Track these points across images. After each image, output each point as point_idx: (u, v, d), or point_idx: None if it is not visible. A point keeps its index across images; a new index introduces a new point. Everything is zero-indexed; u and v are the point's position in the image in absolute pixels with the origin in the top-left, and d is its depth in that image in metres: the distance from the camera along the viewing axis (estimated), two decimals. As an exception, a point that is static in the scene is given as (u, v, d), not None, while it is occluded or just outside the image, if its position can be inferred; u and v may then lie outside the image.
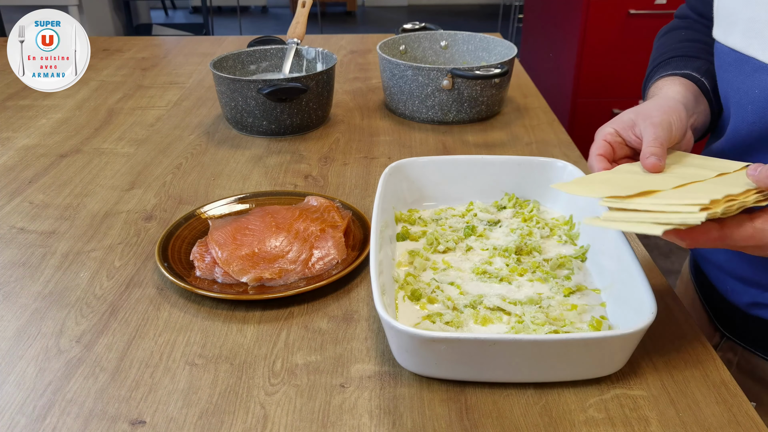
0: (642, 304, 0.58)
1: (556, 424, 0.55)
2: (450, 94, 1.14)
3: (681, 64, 0.76)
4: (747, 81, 0.66)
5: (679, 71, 0.75)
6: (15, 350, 0.64)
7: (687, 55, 0.78)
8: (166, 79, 1.45)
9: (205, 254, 0.75)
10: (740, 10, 0.65)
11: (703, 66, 0.75)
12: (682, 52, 0.79)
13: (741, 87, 0.67)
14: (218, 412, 0.57)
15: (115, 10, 3.84)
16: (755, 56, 0.64)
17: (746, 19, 0.65)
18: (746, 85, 0.66)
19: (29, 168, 1.02)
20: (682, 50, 0.79)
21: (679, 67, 0.76)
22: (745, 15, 0.65)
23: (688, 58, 0.77)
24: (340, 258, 0.75)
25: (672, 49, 0.80)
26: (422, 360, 0.58)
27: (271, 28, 5.80)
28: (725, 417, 0.55)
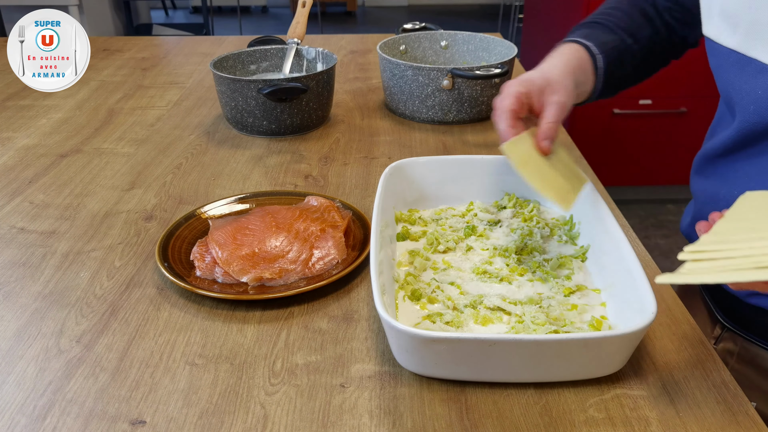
0: (642, 304, 0.58)
1: (556, 424, 0.55)
2: (450, 94, 1.14)
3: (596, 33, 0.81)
4: (750, 82, 0.66)
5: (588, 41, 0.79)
6: (15, 350, 0.64)
7: (607, 25, 0.82)
8: (167, 79, 1.45)
9: (205, 254, 0.75)
10: (743, 12, 0.65)
11: (611, 43, 0.80)
12: (605, 19, 0.83)
13: (743, 87, 0.67)
14: (218, 412, 0.57)
15: (116, 10, 3.84)
16: (758, 58, 0.64)
17: (750, 21, 0.65)
18: (749, 85, 0.66)
19: (29, 168, 1.02)
20: (607, 17, 0.83)
21: (592, 37, 0.80)
22: (749, 17, 0.65)
23: (605, 28, 0.82)
24: (341, 258, 0.75)
25: (601, 13, 0.85)
26: (422, 360, 0.58)
27: (271, 28, 5.80)
28: (725, 417, 0.55)
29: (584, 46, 0.79)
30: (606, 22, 0.82)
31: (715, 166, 0.76)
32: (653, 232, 2.63)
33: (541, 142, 0.70)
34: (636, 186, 2.78)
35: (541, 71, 0.73)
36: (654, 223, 2.70)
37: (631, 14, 0.83)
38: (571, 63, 0.76)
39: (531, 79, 0.72)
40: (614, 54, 0.80)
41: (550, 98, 0.72)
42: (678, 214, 2.74)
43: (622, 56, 0.82)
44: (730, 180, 0.73)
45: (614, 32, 0.82)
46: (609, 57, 0.80)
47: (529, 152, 0.70)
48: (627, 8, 0.85)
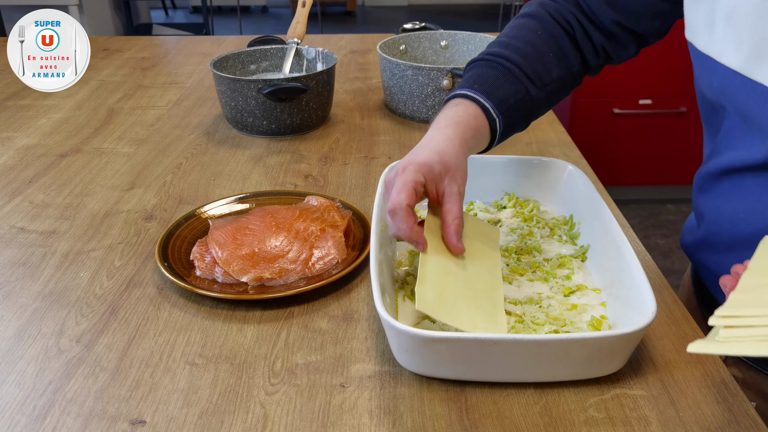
0: (642, 304, 0.58)
1: (556, 424, 0.55)
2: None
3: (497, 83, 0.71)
4: (760, 111, 0.60)
5: (487, 101, 0.70)
6: (15, 350, 0.64)
7: (511, 70, 0.72)
8: (167, 78, 1.45)
9: (205, 254, 0.75)
10: (748, 28, 0.58)
11: (512, 98, 0.71)
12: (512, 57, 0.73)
13: (752, 115, 0.61)
14: (218, 411, 0.57)
15: (116, 10, 3.84)
16: (764, 83, 0.58)
17: (755, 40, 0.58)
18: (759, 117, 0.60)
19: (29, 168, 1.02)
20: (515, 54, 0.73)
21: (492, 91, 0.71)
22: (754, 36, 0.58)
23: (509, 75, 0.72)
24: (340, 258, 0.75)
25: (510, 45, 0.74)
26: (422, 360, 0.58)
27: (271, 27, 5.79)
28: (725, 417, 0.55)
29: (483, 108, 0.70)
30: (511, 63, 0.72)
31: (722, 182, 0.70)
32: (653, 232, 2.63)
33: (456, 244, 0.64)
34: (636, 186, 2.78)
35: (437, 152, 0.65)
36: (654, 223, 2.70)
37: (543, 53, 0.74)
38: (467, 135, 0.68)
39: (429, 164, 0.63)
40: (514, 113, 0.72)
41: (450, 188, 0.64)
42: (678, 214, 2.74)
43: (522, 112, 0.73)
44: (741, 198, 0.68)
45: (518, 81, 0.72)
46: (508, 118, 0.71)
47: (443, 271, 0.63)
48: (540, 44, 0.74)
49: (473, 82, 0.72)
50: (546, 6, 0.78)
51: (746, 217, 0.66)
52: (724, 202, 0.70)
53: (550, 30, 0.75)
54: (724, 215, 0.70)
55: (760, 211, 0.65)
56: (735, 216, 0.68)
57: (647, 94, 2.56)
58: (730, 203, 0.69)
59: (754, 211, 0.66)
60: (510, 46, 0.74)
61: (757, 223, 0.65)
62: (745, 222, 0.67)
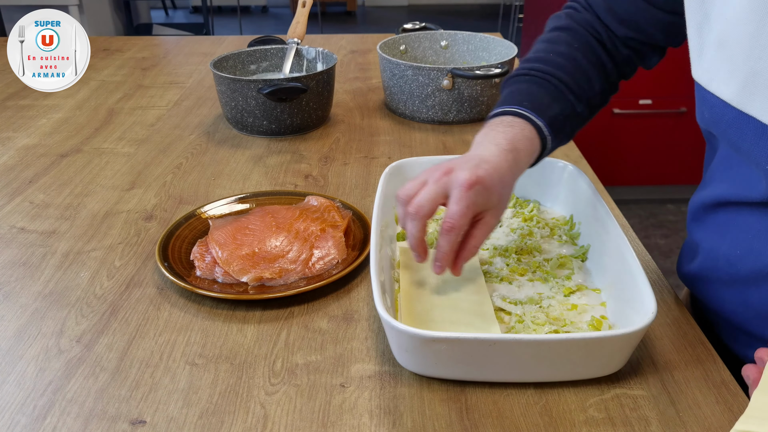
0: (642, 304, 0.58)
1: (556, 424, 0.55)
2: (450, 94, 1.14)
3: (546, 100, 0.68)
4: (754, 148, 0.56)
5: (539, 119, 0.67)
6: (15, 350, 0.64)
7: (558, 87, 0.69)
8: (167, 78, 1.45)
9: (205, 254, 0.75)
10: (742, 59, 0.54)
11: (561, 115, 0.68)
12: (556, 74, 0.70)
13: (746, 150, 0.57)
14: (218, 411, 0.57)
15: (116, 10, 3.84)
16: (757, 116, 0.54)
17: (748, 71, 0.54)
18: (754, 153, 0.56)
19: (29, 168, 1.02)
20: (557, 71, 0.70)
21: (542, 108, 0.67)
22: (747, 66, 0.54)
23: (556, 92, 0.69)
24: (341, 258, 0.75)
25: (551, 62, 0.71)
26: (422, 360, 0.58)
27: (271, 27, 5.79)
28: (726, 417, 0.55)
29: (536, 127, 0.66)
30: (556, 79, 0.70)
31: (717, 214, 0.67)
32: (653, 232, 2.63)
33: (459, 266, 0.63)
34: (636, 186, 2.78)
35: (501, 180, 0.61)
36: (654, 223, 2.70)
37: (584, 67, 0.71)
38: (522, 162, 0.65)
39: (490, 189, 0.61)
40: (561, 130, 0.69)
41: (490, 220, 0.62)
42: (678, 214, 2.74)
43: (568, 129, 0.71)
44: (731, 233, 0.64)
45: (565, 98, 0.69)
46: (557, 136, 0.69)
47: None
48: (580, 57, 0.71)
49: (522, 99, 0.68)
50: (575, 18, 0.75)
51: (743, 255, 0.62)
52: (720, 236, 0.66)
53: (585, 42, 0.73)
54: (720, 250, 0.65)
55: (758, 251, 0.60)
56: (731, 253, 0.64)
57: (647, 94, 2.56)
58: (726, 238, 0.65)
59: (752, 249, 0.61)
60: (550, 62, 0.71)
61: (755, 263, 0.61)
62: (741, 260, 0.62)
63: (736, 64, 0.55)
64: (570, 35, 0.73)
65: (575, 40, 0.73)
